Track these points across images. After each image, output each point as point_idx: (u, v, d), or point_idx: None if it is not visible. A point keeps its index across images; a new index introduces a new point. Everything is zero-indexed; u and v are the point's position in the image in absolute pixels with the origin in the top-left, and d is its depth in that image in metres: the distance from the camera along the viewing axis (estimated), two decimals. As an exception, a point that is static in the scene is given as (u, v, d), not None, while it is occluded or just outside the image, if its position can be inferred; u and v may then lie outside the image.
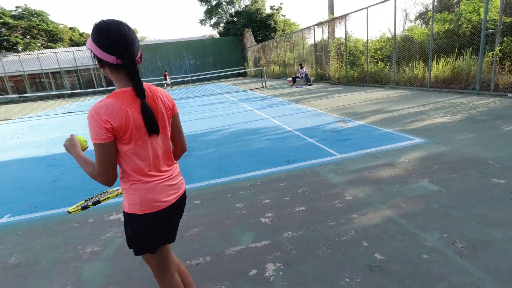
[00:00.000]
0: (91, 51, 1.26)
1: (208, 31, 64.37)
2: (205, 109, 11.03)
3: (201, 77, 25.98)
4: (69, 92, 25.85)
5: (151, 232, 1.40)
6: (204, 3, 41.93)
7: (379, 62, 13.11)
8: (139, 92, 1.26)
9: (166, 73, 27.04)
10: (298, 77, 16.61)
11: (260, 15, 37.30)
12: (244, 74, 34.86)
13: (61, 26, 43.50)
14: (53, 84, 34.31)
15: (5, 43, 36.95)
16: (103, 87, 33.76)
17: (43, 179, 4.79)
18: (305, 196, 3.27)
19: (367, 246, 2.30)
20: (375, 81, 12.92)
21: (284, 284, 2.01)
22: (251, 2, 39.67)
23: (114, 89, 1.32)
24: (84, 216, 3.33)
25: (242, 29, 35.83)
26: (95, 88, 33.13)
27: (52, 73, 34.03)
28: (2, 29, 37.44)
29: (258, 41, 33.87)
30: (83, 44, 45.08)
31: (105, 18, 1.37)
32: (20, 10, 39.14)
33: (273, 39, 28.25)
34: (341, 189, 3.34)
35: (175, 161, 1.55)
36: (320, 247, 2.35)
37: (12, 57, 35.02)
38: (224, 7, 42.18)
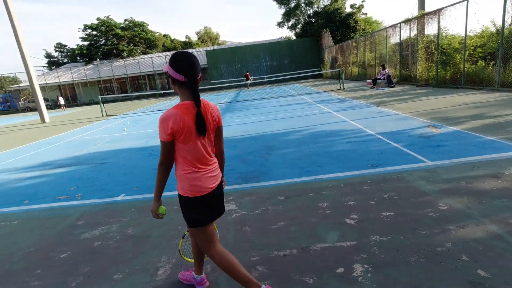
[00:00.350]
0: (167, 72, 1.75)
1: (285, 33, 65.18)
2: (282, 110, 11.26)
3: (277, 78, 26.46)
4: (161, 92, 28.87)
5: (198, 211, 1.83)
6: (282, 6, 42.54)
7: (479, 60, 11.56)
8: (197, 103, 1.72)
9: (248, 73, 28.46)
10: (379, 79, 15.68)
11: (339, 14, 36.21)
12: (320, 76, 34.31)
13: (157, 34, 49.05)
14: (148, 85, 38.94)
15: (114, 50, 43.34)
16: (187, 88, 36.90)
17: (146, 167, 5.56)
18: (392, 201, 3.15)
19: (467, 261, 2.13)
20: (473, 82, 11.44)
21: (373, 286, 2.01)
22: (331, 2, 38.80)
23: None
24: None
25: (320, 30, 35.31)
26: (181, 89, 36.45)
27: (148, 75, 38.66)
28: (113, 39, 43.98)
29: (336, 41, 32.96)
30: (174, 49, 50.09)
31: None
32: (127, 22, 45.43)
33: (353, 39, 27.18)
34: (433, 198, 3.12)
35: (214, 157, 1.96)
36: (412, 255, 2.26)
37: (118, 62, 40.94)
38: (302, 8, 42.15)
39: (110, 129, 11.42)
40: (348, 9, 37.27)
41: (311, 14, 40.79)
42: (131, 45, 44.62)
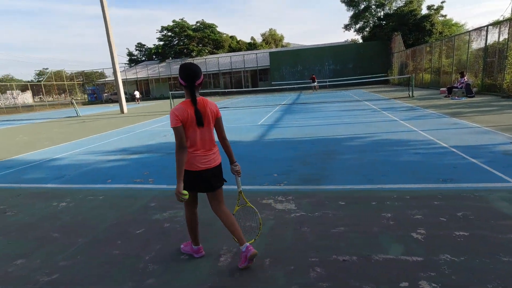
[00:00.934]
0: (178, 77, 2.35)
1: (351, 36, 63.09)
2: (344, 115, 10.95)
3: (340, 82, 25.72)
4: (224, 90, 30.08)
5: (189, 180, 2.37)
6: (351, 8, 41.16)
7: None
8: (193, 102, 2.28)
9: (314, 76, 28.63)
10: (456, 87, 14.25)
11: (413, 17, 33.80)
12: (386, 82, 32.44)
13: (224, 35, 51.29)
14: (212, 84, 40.93)
15: (185, 50, 46.50)
16: (248, 87, 37.96)
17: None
18: (467, 221, 2.89)
19: (560, 298, 1.88)
20: None
21: (441, 305, 1.89)
22: (405, 3, 36.38)
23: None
24: (242, 196, 3.96)
25: (390, 33, 33.38)
26: (242, 88, 37.65)
27: (213, 74, 40.64)
28: (185, 40, 47.22)
29: (407, 45, 30.83)
30: (239, 50, 51.83)
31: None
32: (198, 24, 48.39)
33: (427, 43, 25.14)
34: (519, 223, 2.78)
35: (216, 145, 2.53)
36: (490, 281, 2.07)
37: (188, 61, 43.78)
38: (372, 10, 40.28)
39: (178, 123, 12.32)
40: (424, 11, 34.59)
41: (382, 17, 38.77)
42: (200, 45, 47.36)
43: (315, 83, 28.51)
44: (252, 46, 55.80)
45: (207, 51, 46.92)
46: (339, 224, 3.01)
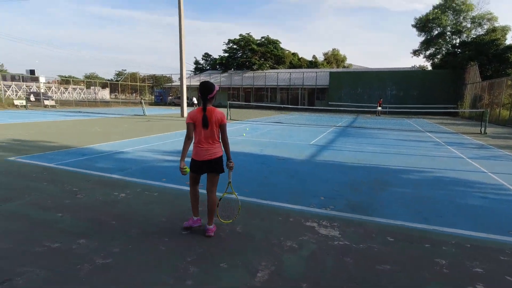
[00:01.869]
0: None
1: (419, 63, 59.71)
2: (402, 145, 10.33)
3: (401, 110, 24.37)
4: (280, 106, 30.40)
5: (194, 165, 3.34)
6: (423, 33, 39.07)
7: None
8: (203, 109, 3.17)
9: (381, 101, 28.03)
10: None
11: (495, 47, 30.88)
12: (454, 114, 29.90)
13: (286, 51, 52.21)
14: (268, 98, 41.69)
15: (247, 63, 48.31)
16: (304, 105, 37.87)
17: (258, 173, 6.01)
18: (539, 286, 2.53)
19: None
20: None
21: None
22: (486, 31, 33.46)
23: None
24: (286, 214, 3.96)
25: (465, 63, 30.88)
26: (298, 105, 37.69)
27: (271, 88, 41.45)
28: (248, 53, 49.14)
29: (484, 77, 28.17)
30: (299, 67, 52.26)
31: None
32: (263, 39, 50.08)
33: (508, 76, 22.71)
34: None
35: (217, 143, 3.33)
36: None
37: (248, 74, 45.40)
38: (447, 37, 37.74)
39: (232, 132, 12.75)
40: (509, 41, 31.46)
41: (457, 44, 36.09)
42: (262, 59, 48.76)
43: (380, 108, 27.61)
44: (312, 64, 55.83)
45: (268, 65, 48.10)
46: (385, 261, 2.84)
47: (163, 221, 3.68)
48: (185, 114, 21.65)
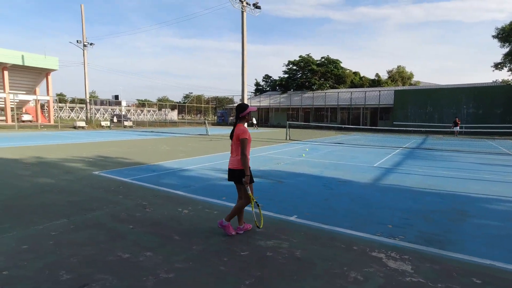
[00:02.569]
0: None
1: (502, 77, 52.79)
2: (484, 169, 9.07)
3: (481, 130, 21.68)
4: (341, 126, 29.51)
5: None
6: (507, 44, 34.82)
7: None
8: (234, 125, 3.92)
9: (458, 120, 25.95)
10: None
11: None
12: (552, 134, 25.50)
13: (347, 71, 51.09)
14: (328, 117, 40.84)
15: (307, 83, 48.43)
16: (366, 125, 36.17)
17: (319, 195, 5.79)
18: None
19: None
20: None
21: None
22: None
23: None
24: (349, 241, 3.70)
25: None
26: (360, 125, 36.13)
27: (331, 108, 40.65)
28: (308, 74, 49.34)
29: None
30: (361, 86, 50.55)
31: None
32: (323, 59, 49.96)
33: None
34: None
35: (238, 156, 3.77)
36: None
37: (308, 94, 45.36)
38: (538, 47, 33.00)
39: (291, 152, 12.67)
40: None
41: (553, 55, 31.25)
42: (322, 79, 48.40)
43: (458, 128, 25.04)
44: (375, 82, 53.49)
45: (328, 85, 47.49)
46: (471, 308, 2.43)
47: (222, 240, 3.72)
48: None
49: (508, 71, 36.27)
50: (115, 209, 4.82)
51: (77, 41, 32.79)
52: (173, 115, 66.45)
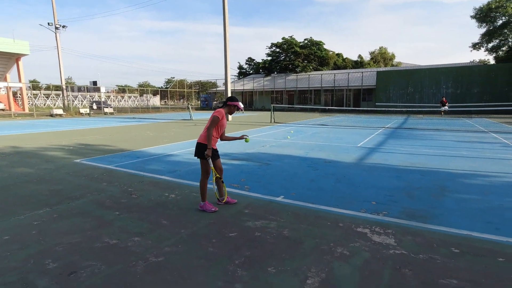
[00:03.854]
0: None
1: (479, 57, 54.10)
2: (463, 147, 9.42)
3: (459, 109, 22.37)
4: (325, 108, 29.73)
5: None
6: (484, 24, 35.62)
7: None
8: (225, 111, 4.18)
9: (445, 99, 26.25)
10: None
11: None
12: (525, 112, 26.62)
13: (330, 52, 51.01)
14: (312, 100, 41.00)
15: (290, 66, 48.14)
16: (350, 106, 36.60)
17: (304, 176, 5.87)
18: None
19: None
20: None
21: None
22: None
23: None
24: (335, 219, 3.79)
25: (538, 54, 27.40)
26: (343, 106, 36.53)
27: (314, 90, 40.75)
28: (292, 56, 48.95)
29: None
30: (344, 68, 50.75)
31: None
32: (306, 41, 49.56)
33: None
34: None
35: (203, 132, 4.03)
36: None
37: (291, 76, 45.17)
38: (514, 27, 33.94)
39: (276, 135, 12.71)
40: None
41: (527, 34, 32.25)
42: (305, 61, 48.22)
43: (446, 107, 25.12)
44: (358, 64, 53.83)
45: (311, 67, 47.40)
46: (451, 276, 2.56)
47: (210, 222, 3.73)
48: (230, 118, 22.11)
49: (485, 51, 37.43)
50: (100, 196, 4.73)
51: (48, 23, 31.05)
52: (156, 100, 64.93)
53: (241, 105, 4.25)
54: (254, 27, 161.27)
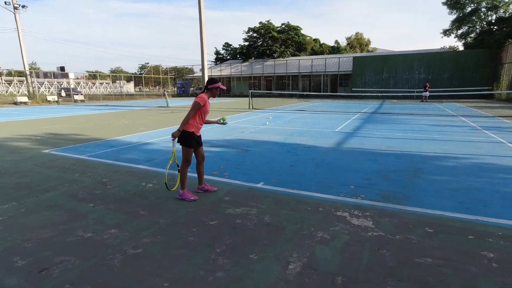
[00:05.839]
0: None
1: (450, 43, 56.17)
2: (435, 130, 9.80)
3: (431, 94, 23.19)
4: (303, 93, 29.86)
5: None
6: (454, 11, 36.68)
7: None
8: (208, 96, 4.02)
9: (428, 84, 26.47)
10: None
11: (538, 22, 28.43)
12: (490, 96, 28.09)
13: (308, 38, 50.92)
14: (290, 85, 41.07)
15: (268, 51, 47.65)
16: (327, 92, 37.01)
17: (284, 162, 5.88)
18: None
19: None
20: None
21: None
22: (527, 5, 30.87)
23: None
24: (315, 203, 3.83)
25: (503, 41, 28.69)
26: (321, 92, 36.89)
27: (292, 76, 40.77)
28: (269, 41, 48.40)
29: (525, 55, 26.09)
30: (321, 53, 50.93)
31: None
32: (283, 26, 49.07)
33: (554, 54, 20.86)
34: None
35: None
36: None
37: (269, 62, 44.83)
38: (481, 14, 35.21)
39: (255, 121, 12.65)
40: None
41: (493, 21, 33.60)
42: (283, 47, 47.89)
43: (427, 93, 25.27)
44: (335, 50, 54.19)
45: (289, 53, 47.21)
46: (426, 255, 2.66)
47: (190, 211, 3.66)
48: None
49: (455, 37, 38.67)
50: (72, 188, 4.51)
51: (6, 2, 28.70)
52: (129, 87, 62.58)
53: (222, 86, 4.06)
54: (230, 10, 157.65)
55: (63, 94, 37.44)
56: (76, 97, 33.08)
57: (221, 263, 2.58)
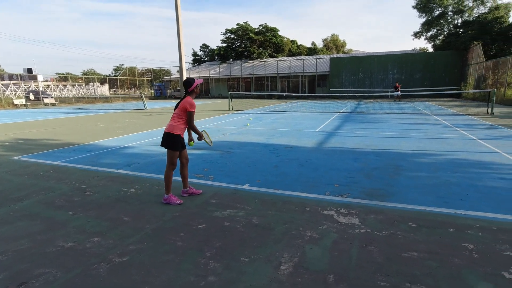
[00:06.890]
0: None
1: (421, 45, 58.91)
2: (410, 128, 10.17)
3: (404, 93, 24.11)
4: (282, 94, 30.10)
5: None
6: (424, 14, 38.36)
7: None
8: (182, 98, 3.95)
9: (398, 84, 26.94)
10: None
11: (499, 25, 30.29)
12: (458, 96, 29.55)
13: (285, 39, 51.43)
14: (269, 87, 41.31)
15: (246, 52, 47.68)
16: (305, 92, 37.52)
17: (268, 163, 5.89)
18: None
19: None
20: None
21: None
22: (489, 10, 32.80)
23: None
24: (302, 203, 3.85)
25: (468, 43, 30.31)
26: (299, 92, 37.34)
27: (271, 77, 41.03)
28: (247, 42, 48.44)
29: (488, 57, 27.72)
30: (299, 54, 51.60)
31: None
32: (261, 27, 49.27)
33: (515, 55, 22.26)
34: None
35: (177, 121, 3.90)
36: None
37: (247, 63, 44.88)
38: (448, 17, 37.06)
39: (235, 122, 12.60)
40: (512, 19, 30.78)
41: (459, 24, 35.45)
42: (261, 48, 48.11)
43: (399, 92, 25.76)
44: (312, 51, 55.10)
45: (267, 54, 47.48)
46: (412, 249, 2.74)
47: (176, 215, 3.58)
48: (187, 107, 21.43)
49: (425, 39, 40.44)
50: (48, 196, 4.29)
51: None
52: (104, 89, 60.55)
53: (200, 80, 4.03)
54: (207, 11, 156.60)
55: (32, 97, 35.71)
56: (46, 100, 31.62)
57: (212, 267, 2.53)
